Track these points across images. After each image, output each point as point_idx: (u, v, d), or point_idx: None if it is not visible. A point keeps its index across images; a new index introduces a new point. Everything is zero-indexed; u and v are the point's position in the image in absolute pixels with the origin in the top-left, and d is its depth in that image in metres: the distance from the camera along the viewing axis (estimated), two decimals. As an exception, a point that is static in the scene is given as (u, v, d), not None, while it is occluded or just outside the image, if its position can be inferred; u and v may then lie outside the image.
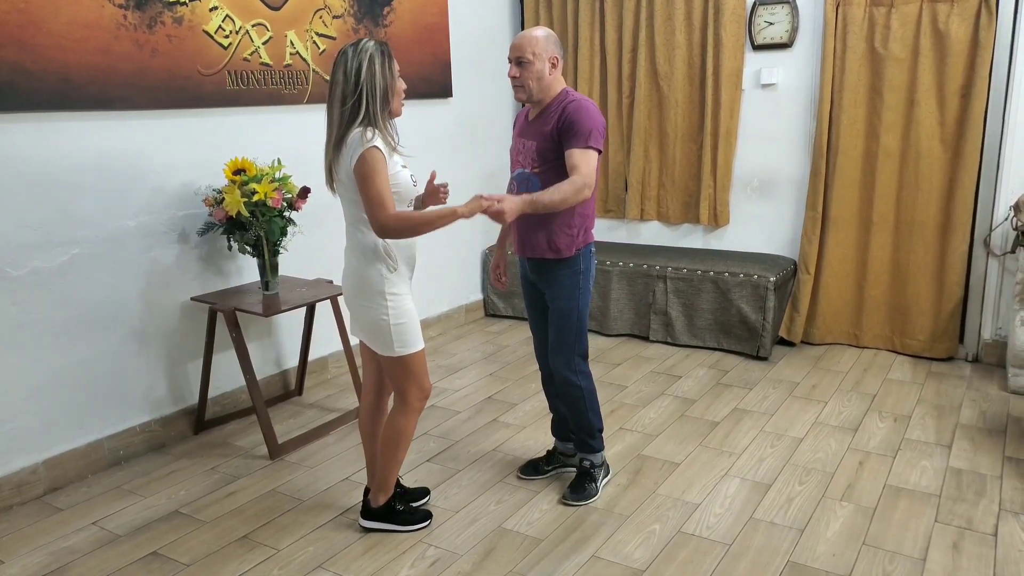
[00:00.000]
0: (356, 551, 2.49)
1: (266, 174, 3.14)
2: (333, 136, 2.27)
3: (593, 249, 2.67)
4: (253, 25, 3.39)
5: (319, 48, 3.70)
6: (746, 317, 4.16)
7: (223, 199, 3.05)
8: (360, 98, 2.21)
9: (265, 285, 3.25)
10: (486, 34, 4.80)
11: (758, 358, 4.17)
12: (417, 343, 2.41)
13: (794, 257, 4.43)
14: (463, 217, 2.27)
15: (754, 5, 4.25)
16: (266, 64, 3.47)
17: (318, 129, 3.78)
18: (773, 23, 4.24)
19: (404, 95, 2.35)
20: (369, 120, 2.22)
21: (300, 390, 3.80)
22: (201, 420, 3.36)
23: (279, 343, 3.75)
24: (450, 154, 4.57)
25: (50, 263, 2.82)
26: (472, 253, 4.94)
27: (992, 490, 2.78)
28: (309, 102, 3.68)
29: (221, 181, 3.21)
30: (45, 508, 2.80)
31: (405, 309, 2.38)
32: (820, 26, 4.11)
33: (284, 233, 3.21)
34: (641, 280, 4.45)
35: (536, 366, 4.09)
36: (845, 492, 2.79)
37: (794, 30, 4.19)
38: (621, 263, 4.48)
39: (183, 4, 3.10)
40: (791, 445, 3.17)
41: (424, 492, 2.80)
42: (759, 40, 4.29)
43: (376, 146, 2.19)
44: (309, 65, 3.66)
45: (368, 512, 2.60)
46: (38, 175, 2.76)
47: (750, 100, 4.39)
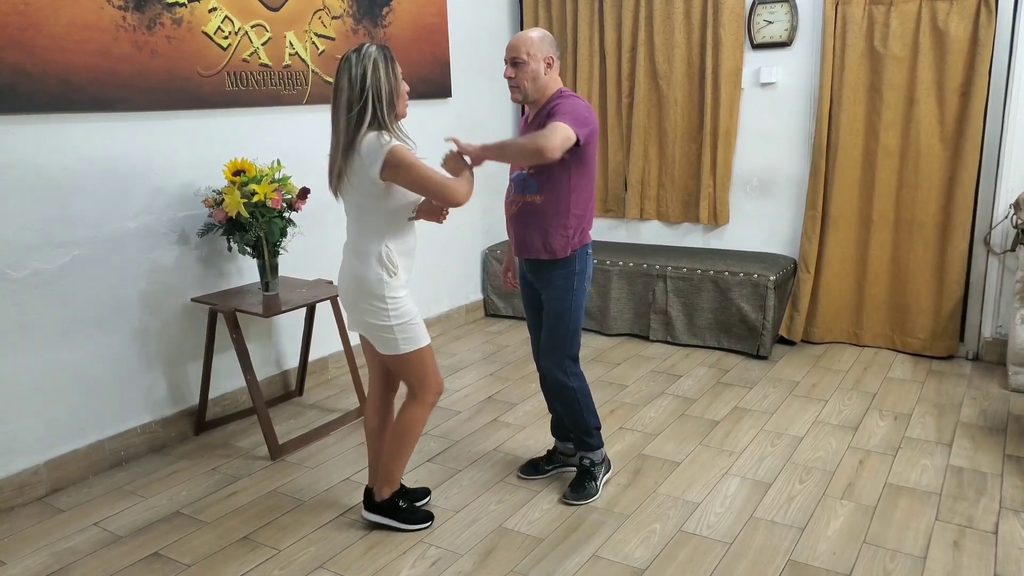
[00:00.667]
0: (357, 551, 2.49)
1: (266, 175, 3.14)
2: (341, 142, 2.27)
3: (590, 251, 2.67)
4: (252, 26, 3.40)
5: (318, 49, 3.70)
6: (746, 316, 4.16)
7: (223, 200, 3.06)
8: (366, 103, 2.23)
9: (265, 286, 3.26)
10: (485, 34, 4.80)
11: (758, 357, 4.17)
12: (423, 339, 2.44)
13: (794, 256, 4.44)
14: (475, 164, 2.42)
15: (753, 4, 4.25)
16: (265, 65, 3.47)
17: (317, 130, 3.80)
18: (772, 22, 4.24)
19: (407, 97, 2.37)
20: (379, 124, 2.25)
21: (300, 390, 3.80)
22: (202, 421, 3.37)
23: (279, 344, 3.76)
24: (450, 154, 4.57)
25: (51, 264, 2.82)
26: (472, 253, 4.94)
27: (993, 488, 2.78)
28: (308, 103, 3.68)
29: (221, 182, 3.21)
30: (46, 509, 2.80)
31: (406, 309, 2.40)
32: (819, 25, 4.11)
33: (284, 234, 3.21)
34: (641, 279, 4.45)
35: (535, 366, 4.10)
36: (846, 491, 2.79)
37: (793, 29, 4.19)
38: (621, 262, 4.48)
39: (182, 5, 3.11)
40: (791, 444, 3.17)
41: (425, 492, 2.80)
42: (758, 39, 4.29)
43: (397, 144, 2.24)
44: (308, 66, 3.66)
45: (372, 505, 2.60)
46: (38, 177, 2.76)
47: (749, 99, 4.39)
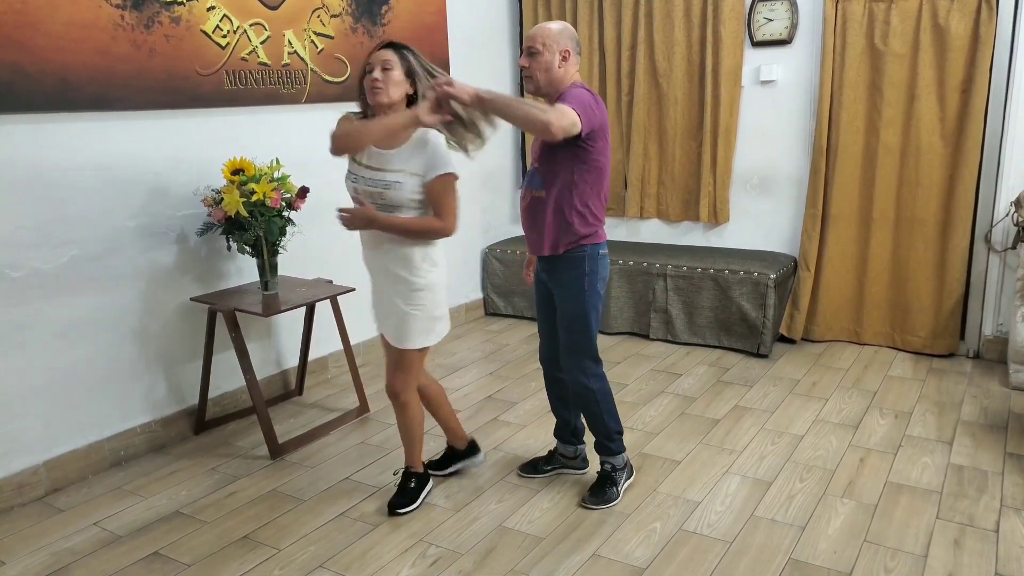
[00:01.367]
0: (357, 550, 2.49)
1: (265, 174, 3.14)
2: None
3: (603, 251, 2.60)
4: (251, 25, 3.39)
5: (317, 47, 3.69)
6: (746, 314, 4.15)
7: (222, 199, 3.05)
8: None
9: (264, 285, 3.25)
10: (484, 33, 4.79)
11: (758, 355, 4.16)
12: None
13: (794, 254, 4.43)
14: (428, 119, 2.42)
15: (753, 1, 4.24)
16: (264, 64, 3.46)
17: (316, 128, 3.79)
18: (772, 19, 4.23)
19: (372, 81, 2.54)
20: None
21: (300, 390, 3.80)
22: (201, 420, 3.36)
23: (279, 343, 3.75)
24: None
25: (49, 264, 2.82)
26: (472, 252, 4.94)
27: (993, 486, 2.78)
28: (307, 101, 3.67)
29: (220, 181, 3.21)
30: (46, 509, 2.80)
31: None
32: (819, 22, 4.10)
33: (283, 233, 3.20)
34: (641, 278, 4.44)
35: (537, 365, 4.09)
36: (846, 489, 2.79)
37: (793, 26, 4.18)
38: (621, 261, 4.47)
39: (180, 4, 3.10)
40: (792, 442, 3.16)
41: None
42: (758, 37, 4.28)
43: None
44: (307, 64, 3.65)
45: (450, 459, 2.95)
46: (37, 176, 2.75)
47: (749, 97, 4.39)
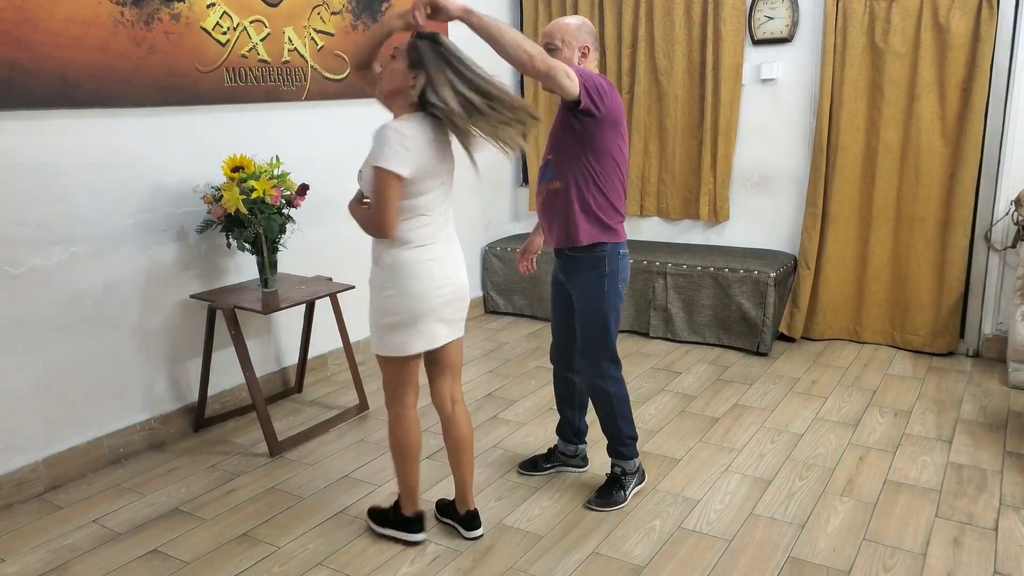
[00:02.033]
0: (356, 548, 2.49)
1: (264, 171, 3.14)
2: None
3: (623, 250, 2.55)
4: (251, 22, 3.38)
5: (317, 45, 3.69)
6: (746, 313, 4.15)
7: (221, 196, 3.05)
8: None
9: (264, 282, 3.25)
10: (485, 30, 4.78)
11: (758, 354, 4.16)
12: None
13: (794, 252, 4.43)
14: (395, 25, 2.28)
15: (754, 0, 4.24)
16: (264, 61, 3.46)
17: (316, 126, 3.80)
18: (773, 18, 4.23)
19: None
20: None
21: (300, 387, 3.80)
22: (201, 418, 3.36)
23: (278, 340, 3.75)
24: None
25: (49, 261, 2.81)
26: (472, 250, 4.94)
27: (992, 485, 2.78)
28: (307, 99, 3.67)
29: (219, 178, 3.21)
30: (45, 506, 2.80)
31: None
32: (820, 21, 4.09)
33: (283, 230, 3.20)
34: (641, 276, 4.44)
35: (537, 363, 4.10)
36: (845, 487, 2.79)
37: (794, 25, 4.18)
38: (621, 259, 4.47)
39: (180, 0, 3.09)
40: (791, 441, 3.16)
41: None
42: (759, 35, 4.27)
43: None
44: (307, 61, 3.65)
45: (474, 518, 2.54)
46: (36, 173, 2.75)
47: (750, 95, 4.38)
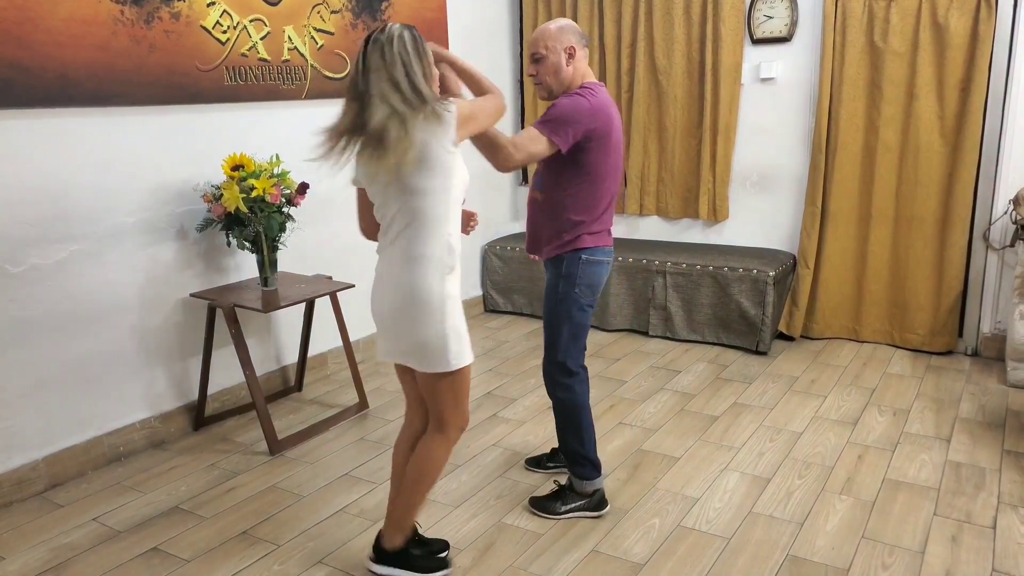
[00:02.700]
0: (356, 546, 2.49)
1: (264, 170, 3.14)
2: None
3: (590, 257, 2.47)
4: (251, 20, 3.39)
5: (317, 44, 3.69)
6: (745, 312, 4.16)
7: (222, 195, 3.05)
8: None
9: (264, 281, 3.25)
10: (485, 29, 4.79)
11: (757, 352, 4.17)
12: (470, 354, 2.14)
13: (793, 251, 4.43)
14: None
15: (753, -1, 4.25)
16: (264, 60, 3.46)
17: (316, 124, 3.78)
18: (772, 17, 4.23)
19: None
20: None
21: (300, 386, 3.80)
22: (201, 416, 3.36)
23: (278, 339, 3.75)
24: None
25: (49, 259, 2.82)
26: (471, 249, 4.94)
27: (991, 483, 2.79)
28: (307, 97, 3.67)
29: (219, 177, 3.21)
30: (45, 504, 2.80)
31: (460, 312, 2.11)
32: (819, 20, 4.10)
33: (283, 229, 3.20)
34: (640, 275, 4.45)
35: (536, 362, 4.11)
36: (844, 486, 2.79)
37: (793, 24, 4.18)
38: (620, 258, 4.47)
39: None
40: (790, 439, 3.17)
41: (443, 545, 2.39)
42: (758, 34, 4.28)
43: None
44: (307, 60, 3.65)
45: (382, 556, 2.29)
46: (36, 172, 2.75)
47: (749, 94, 4.39)
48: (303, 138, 3.61)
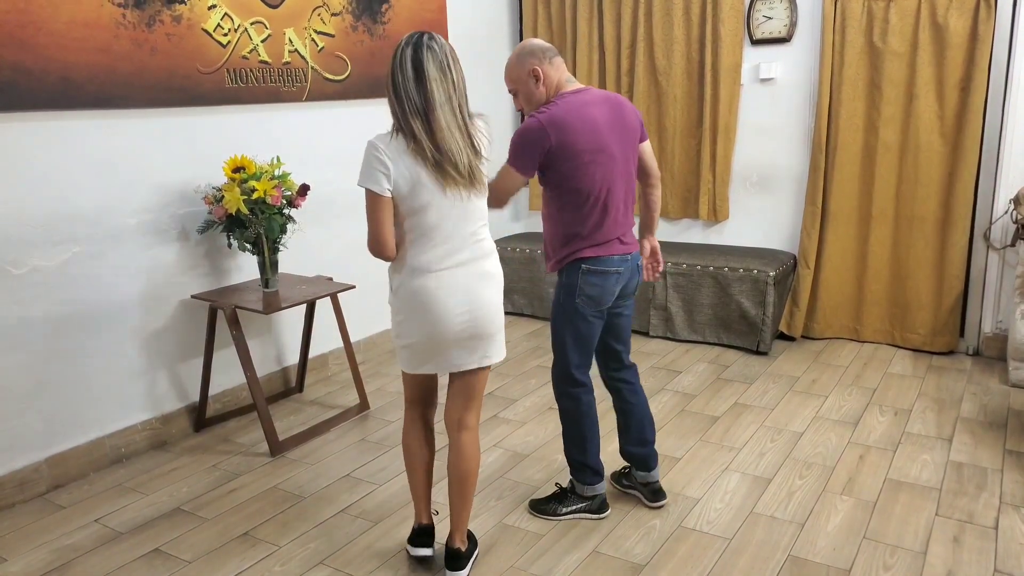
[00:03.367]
0: (357, 547, 2.50)
1: (265, 172, 3.15)
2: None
3: (589, 267, 2.42)
4: (252, 23, 3.39)
5: (317, 46, 3.70)
6: (746, 312, 4.16)
7: (223, 197, 3.06)
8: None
9: (265, 282, 3.26)
10: (484, 31, 4.80)
11: (758, 353, 4.17)
12: None
13: (794, 251, 4.44)
14: None
15: None
16: (265, 62, 3.47)
17: (317, 126, 3.81)
18: (772, 17, 4.23)
19: None
20: None
21: (301, 387, 3.81)
22: (202, 417, 3.37)
23: (279, 340, 3.76)
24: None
25: (51, 261, 2.82)
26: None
27: (993, 483, 2.79)
28: (308, 100, 3.68)
29: (220, 179, 3.22)
30: (47, 506, 2.81)
31: None
32: (819, 20, 4.10)
33: (284, 230, 3.21)
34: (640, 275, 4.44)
35: (537, 362, 4.12)
36: (845, 486, 2.79)
37: (792, 24, 4.19)
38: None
39: (182, 2, 3.10)
40: (791, 439, 3.17)
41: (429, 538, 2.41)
42: (758, 35, 4.28)
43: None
44: (308, 63, 3.66)
45: (459, 557, 2.29)
46: (38, 174, 2.76)
47: (749, 95, 4.39)
48: (304, 140, 3.67)
